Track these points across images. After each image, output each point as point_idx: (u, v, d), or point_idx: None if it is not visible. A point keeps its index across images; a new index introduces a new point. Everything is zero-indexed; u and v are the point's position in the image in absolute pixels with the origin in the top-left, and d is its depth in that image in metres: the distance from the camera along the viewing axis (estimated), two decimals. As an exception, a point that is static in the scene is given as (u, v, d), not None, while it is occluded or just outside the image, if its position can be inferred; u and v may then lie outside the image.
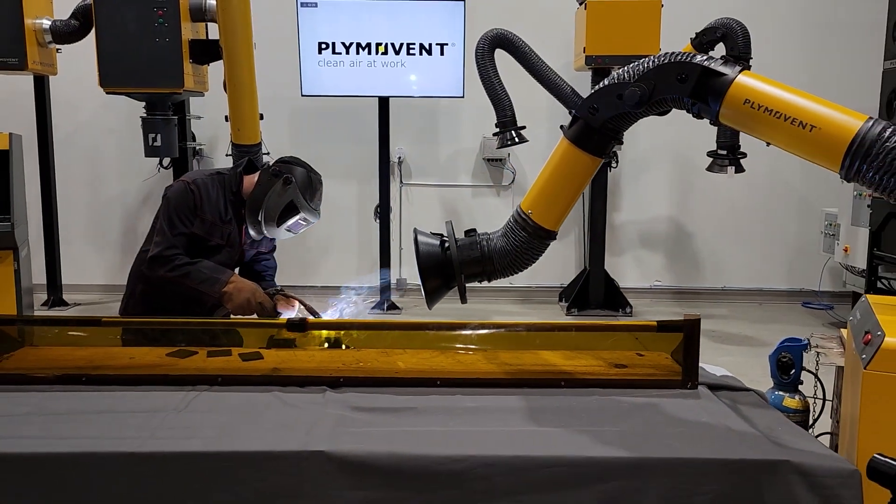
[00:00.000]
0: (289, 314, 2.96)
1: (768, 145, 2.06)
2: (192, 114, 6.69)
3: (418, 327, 2.60)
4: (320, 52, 6.38)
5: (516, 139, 5.90)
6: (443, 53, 6.38)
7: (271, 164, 3.12)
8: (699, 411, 2.10)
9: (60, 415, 2.02)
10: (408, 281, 7.22)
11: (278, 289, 3.09)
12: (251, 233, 3.14)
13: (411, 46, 6.37)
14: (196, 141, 6.90)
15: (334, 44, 6.37)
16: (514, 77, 5.87)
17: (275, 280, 3.37)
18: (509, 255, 2.27)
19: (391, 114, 6.63)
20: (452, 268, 2.27)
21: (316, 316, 2.94)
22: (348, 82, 6.45)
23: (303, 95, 6.48)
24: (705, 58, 2.02)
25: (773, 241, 7.41)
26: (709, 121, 2.09)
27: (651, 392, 2.23)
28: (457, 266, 2.27)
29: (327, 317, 3.01)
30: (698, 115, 2.09)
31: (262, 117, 5.08)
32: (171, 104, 5.94)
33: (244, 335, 2.64)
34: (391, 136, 6.70)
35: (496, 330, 2.58)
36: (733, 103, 1.96)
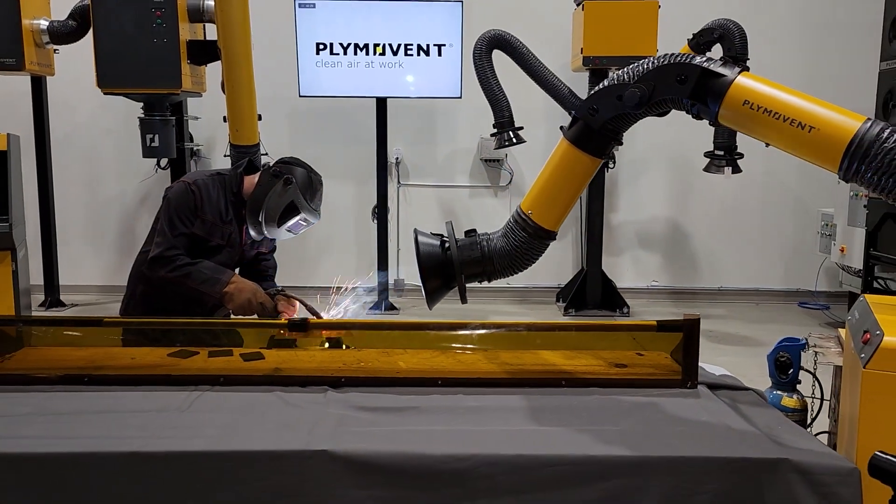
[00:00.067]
0: (289, 314, 2.97)
1: (767, 146, 2.07)
2: (189, 114, 6.70)
3: (419, 327, 2.61)
4: (318, 53, 6.38)
5: (514, 140, 5.90)
6: (440, 54, 6.39)
7: (272, 165, 3.13)
8: (699, 410, 2.11)
9: (62, 415, 2.03)
10: (406, 281, 7.23)
11: (279, 289, 3.10)
12: (252, 233, 3.15)
13: (409, 47, 6.38)
14: (194, 141, 6.90)
15: (332, 44, 6.37)
16: (512, 78, 5.88)
17: (275, 280, 3.38)
18: (509, 255, 2.28)
19: (389, 114, 6.64)
20: (453, 268, 2.28)
21: (317, 316, 2.95)
22: (346, 83, 6.45)
23: (300, 96, 6.48)
24: (705, 59, 2.03)
25: (769, 241, 7.43)
26: (708, 121, 2.10)
27: (651, 391, 2.24)
28: (457, 266, 2.27)
29: (327, 316, 3.02)
30: (698, 116, 2.10)
31: (260, 118, 5.08)
32: (169, 105, 5.93)
33: (245, 335, 2.65)
34: (388, 137, 6.71)
35: (496, 330, 2.58)
36: (732, 104, 1.97)
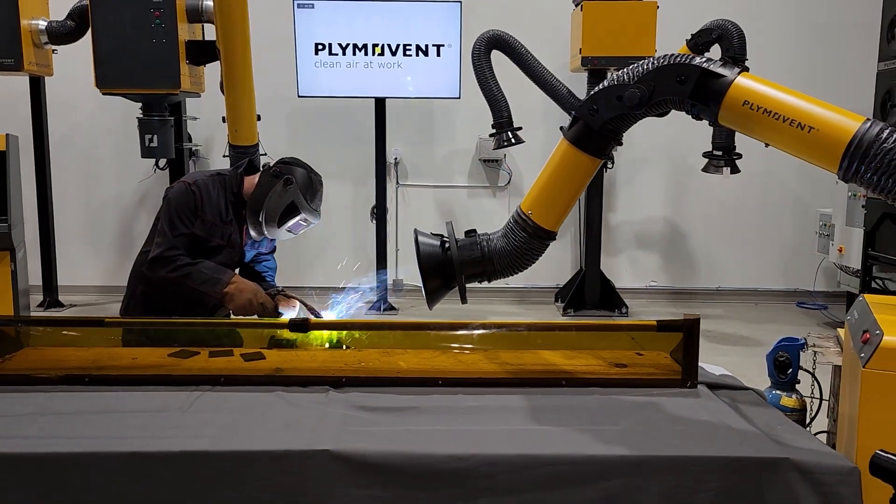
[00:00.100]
0: (290, 314, 2.97)
1: (767, 146, 2.08)
2: (188, 115, 6.70)
3: (419, 327, 2.61)
4: (317, 53, 6.38)
5: (513, 140, 5.92)
6: (439, 55, 6.39)
7: (272, 165, 3.13)
8: (699, 410, 2.12)
9: (64, 415, 2.03)
10: (404, 282, 7.23)
11: (279, 289, 3.10)
12: (252, 233, 3.15)
13: (408, 47, 6.38)
14: (192, 142, 6.90)
15: (331, 45, 6.37)
16: (511, 78, 5.90)
17: (275, 280, 3.38)
18: (509, 255, 2.28)
19: (387, 114, 6.64)
20: (453, 268, 2.28)
21: (317, 316, 2.96)
22: (345, 83, 6.45)
23: (299, 96, 6.49)
24: (705, 59, 2.03)
25: (767, 241, 7.45)
26: (708, 122, 2.11)
27: (651, 391, 2.25)
28: (457, 266, 2.28)
29: (327, 315, 3.03)
30: (697, 116, 2.10)
31: (259, 118, 5.09)
32: (168, 105, 5.94)
33: (246, 336, 2.65)
34: (387, 137, 6.71)
35: (496, 330, 2.59)
36: (732, 105, 1.98)
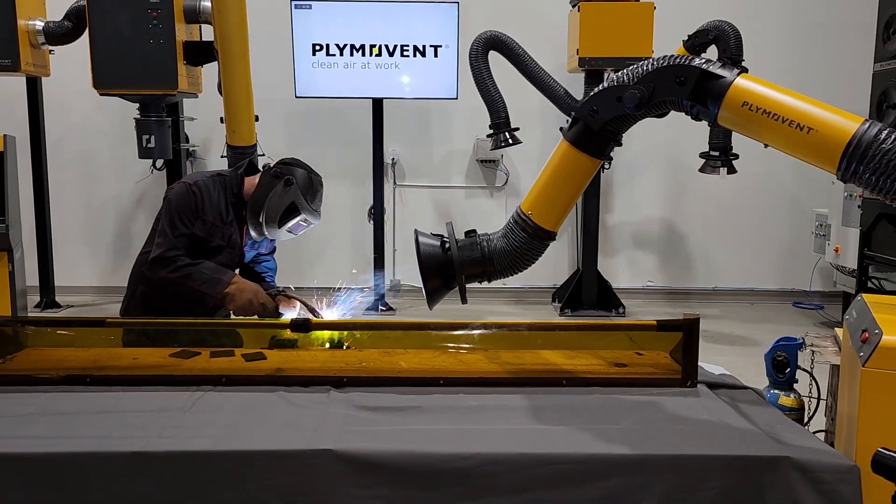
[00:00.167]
0: (290, 315, 2.98)
1: (766, 147, 2.09)
2: (185, 115, 6.69)
3: (419, 327, 2.62)
4: (314, 54, 6.38)
5: (510, 140, 5.93)
6: (436, 55, 6.39)
7: (272, 166, 3.13)
8: (699, 409, 2.14)
9: (66, 415, 2.04)
10: (401, 282, 7.23)
11: (280, 289, 3.11)
12: (252, 234, 3.15)
13: (405, 48, 6.38)
14: (189, 142, 6.90)
15: (328, 45, 6.37)
16: (508, 79, 5.90)
17: (275, 281, 3.39)
18: (509, 255, 2.30)
19: (385, 115, 6.65)
20: (453, 268, 2.29)
21: (317, 316, 2.96)
22: (342, 84, 6.45)
23: (297, 97, 6.49)
24: (704, 60, 2.05)
25: (764, 241, 7.47)
26: (707, 122, 2.12)
27: (651, 390, 2.27)
28: (457, 266, 2.29)
29: (326, 316, 3.03)
30: (697, 117, 2.12)
31: (257, 119, 5.09)
32: (165, 106, 5.93)
33: (247, 336, 2.65)
34: (385, 138, 6.71)
35: (497, 330, 2.60)
36: (731, 106, 1.99)
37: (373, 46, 6.38)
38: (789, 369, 2.67)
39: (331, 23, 6.35)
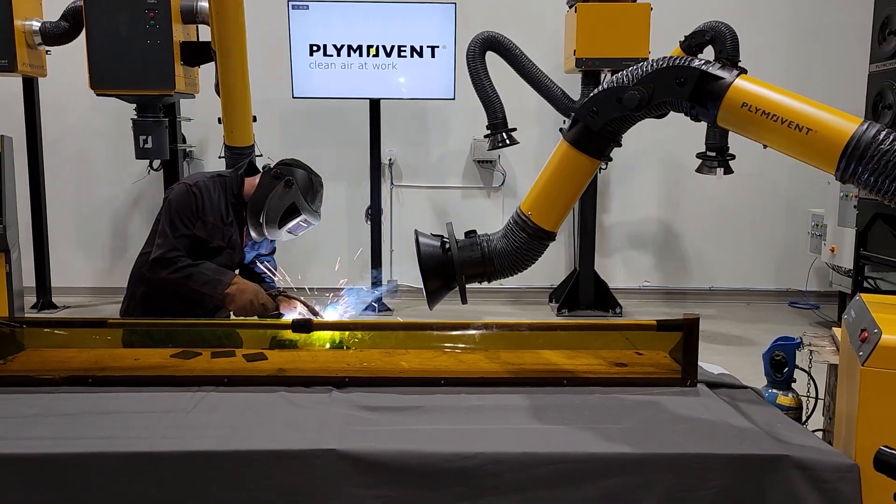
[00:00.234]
0: (291, 315, 2.98)
1: (765, 147, 2.10)
2: (182, 116, 6.69)
3: (420, 328, 2.63)
4: (311, 55, 6.38)
5: (507, 141, 5.94)
6: (434, 56, 6.40)
7: (272, 167, 3.14)
8: (700, 408, 2.15)
9: (70, 416, 2.04)
10: (399, 282, 7.24)
11: (280, 290, 3.11)
12: (252, 234, 3.16)
13: (402, 49, 6.39)
14: (186, 143, 6.89)
15: (325, 46, 6.38)
16: (505, 79, 5.91)
17: (274, 281, 3.39)
18: (510, 255, 2.31)
19: (382, 116, 6.65)
20: (453, 269, 2.30)
21: (318, 316, 2.96)
22: (339, 84, 6.46)
23: (294, 97, 6.49)
24: (704, 62, 2.06)
25: (760, 241, 7.49)
26: (706, 123, 2.13)
27: (652, 390, 2.28)
28: (457, 267, 2.30)
29: (328, 316, 3.04)
30: (696, 118, 2.13)
31: (255, 119, 5.09)
32: (162, 106, 5.93)
33: (248, 336, 2.66)
34: (382, 138, 6.72)
35: (497, 330, 2.60)
36: (731, 107, 2.00)
37: (370, 47, 6.39)
38: (787, 369, 2.68)
39: (328, 23, 6.35)
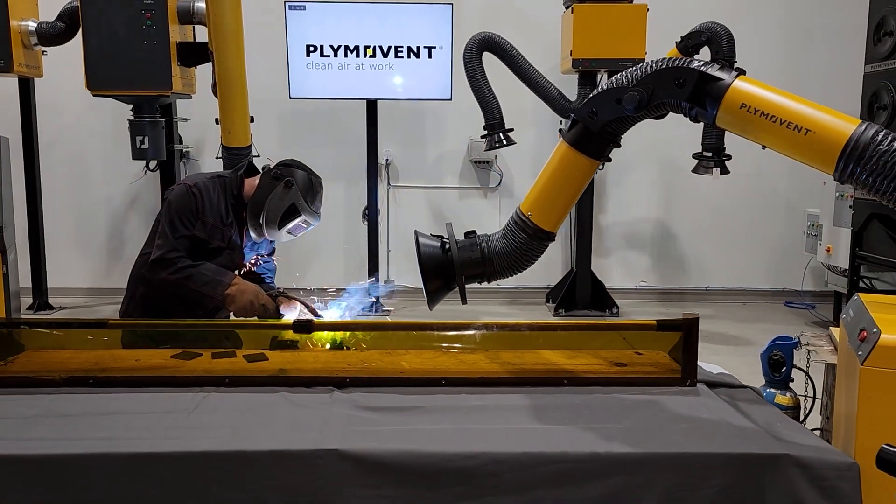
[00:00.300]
0: (291, 315, 2.98)
1: (764, 148, 2.11)
2: (179, 116, 6.68)
3: (420, 328, 2.63)
4: (308, 55, 6.39)
5: (504, 141, 5.93)
6: (430, 56, 6.41)
7: (272, 168, 3.14)
8: (700, 408, 2.16)
9: (70, 417, 2.04)
10: (395, 283, 7.24)
11: (280, 290, 3.11)
12: (252, 235, 3.16)
13: (399, 49, 6.40)
14: (183, 143, 6.88)
15: (322, 46, 6.38)
16: (502, 80, 5.91)
17: (274, 282, 3.39)
18: (509, 256, 2.32)
19: (379, 116, 6.65)
20: (453, 269, 2.31)
21: (318, 317, 2.97)
22: (336, 85, 6.46)
23: (291, 98, 6.49)
24: (703, 63, 2.07)
25: (756, 241, 7.51)
26: (705, 124, 2.14)
27: (652, 389, 2.28)
28: (458, 267, 2.31)
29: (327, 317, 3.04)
30: (695, 118, 2.14)
31: (252, 120, 5.10)
32: (159, 106, 5.92)
33: (249, 337, 2.66)
34: (379, 139, 6.72)
35: (497, 330, 2.61)
36: (730, 108, 2.01)
37: (367, 47, 6.39)
38: (785, 368, 2.70)
39: (325, 24, 6.35)
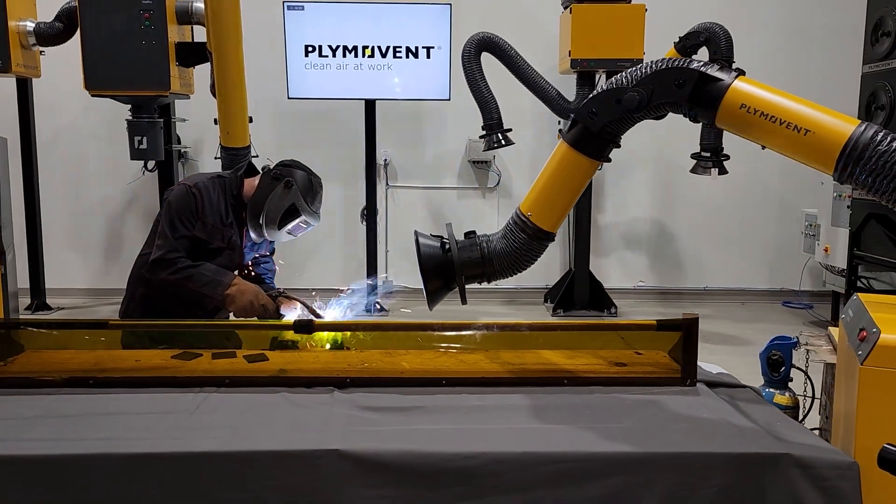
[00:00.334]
0: (291, 316, 2.98)
1: (763, 148, 2.12)
2: (177, 116, 6.67)
3: (420, 328, 2.63)
4: (307, 55, 6.38)
5: (502, 141, 5.94)
6: (429, 56, 6.40)
7: (272, 168, 3.14)
8: (699, 407, 2.16)
9: (70, 417, 2.04)
10: (394, 283, 7.24)
11: (280, 291, 3.11)
12: (252, 235, 3.16)
13: (398, 49, 6.39)
14: (181, 144, 6.88)
15: (321, 46, 6.37)
16: (500, 80, 5.92)
17: (274, 282, 3.39)
18: (509, 256, 2.32)
19: (377, 116, 6.65)
20: (453, 269, 2.31)
21: (318, 317, 2.97)
22: (335, 85, 6.45)
23: (289, 98, 6.48)
24: (702, 63, 2.07)
25: (754, 241, 7.53)
26: (705, 124, 2.14)
27: (652, 389, 2.29)
28: (458, 267, 2.31)
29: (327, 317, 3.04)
30: (695, 119, 2.14)
31: (251, 120, 5.09)
32: (157, 107, 5.92)
33: (249, 337, 2.66)
34: (377, 139, 6.72)
35: (498, 330, 2.61)
36: (730, 108, 2.02)
37: (365, 48, 6.39)
38: (784, 368, 2.70)
39: (323, 24, 6.35)
